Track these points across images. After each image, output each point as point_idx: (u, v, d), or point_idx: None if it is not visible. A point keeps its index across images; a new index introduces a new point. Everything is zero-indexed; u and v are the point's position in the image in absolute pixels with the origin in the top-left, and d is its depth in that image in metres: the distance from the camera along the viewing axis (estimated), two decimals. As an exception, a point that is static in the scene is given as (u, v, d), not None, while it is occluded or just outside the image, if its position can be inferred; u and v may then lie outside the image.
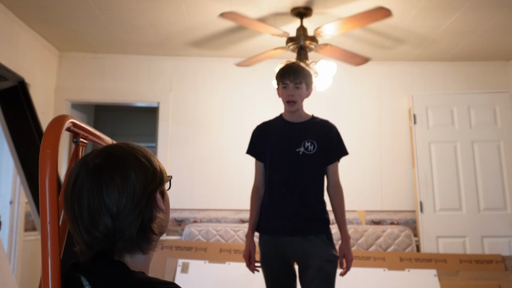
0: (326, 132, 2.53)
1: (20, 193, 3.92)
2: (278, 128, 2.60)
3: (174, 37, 4.25)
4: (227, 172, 4.63)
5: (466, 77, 4.78)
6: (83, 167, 0.93)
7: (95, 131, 1.18)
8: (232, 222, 4.54)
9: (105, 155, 0.95)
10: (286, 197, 2.45)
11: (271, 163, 2.54)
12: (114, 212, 0.90)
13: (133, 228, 0.92)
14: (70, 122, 0.97)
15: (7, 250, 3.76)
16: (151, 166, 0.98)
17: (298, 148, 2.47)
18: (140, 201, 0.93)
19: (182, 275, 3.84)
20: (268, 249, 2.47)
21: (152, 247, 0.99)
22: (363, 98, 4.73)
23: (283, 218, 2.44)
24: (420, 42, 4.23)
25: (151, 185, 0.96)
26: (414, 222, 4.53)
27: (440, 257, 4.05)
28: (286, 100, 2.49)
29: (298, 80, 2.44)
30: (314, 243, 2.39)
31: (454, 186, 4.43)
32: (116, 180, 0.91)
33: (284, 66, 2.55)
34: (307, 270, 2.37)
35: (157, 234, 0.98)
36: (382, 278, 3.85)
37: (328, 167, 2.52)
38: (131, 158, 0.96)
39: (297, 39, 3.41)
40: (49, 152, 0.87)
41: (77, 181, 0.92)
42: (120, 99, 4.75)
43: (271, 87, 4.24)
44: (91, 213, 0.90)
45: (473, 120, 4.52)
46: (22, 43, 3.92)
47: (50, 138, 0.88)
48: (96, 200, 0.90)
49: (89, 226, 0.91)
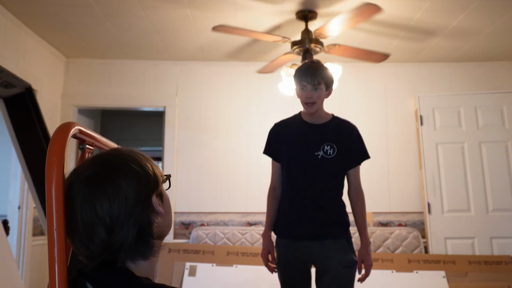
0: (347, 135, 2.43)
1: (28, 198, 3.94)
2: (296, 129, 2.49)
3: (179, 42, 4.26)
4: (234, 176, 4.64)
5: (473, 78, 4.76)
6: (75, 179, 0.93)
7: (101, 138, 1.19)
8: (239, 225, 4.54)
9: (94, 166, 0.95)
10: (304, 201, 2.37)
11: (288, 166, 2.45)
12: (108, 223, 0.89)
13: (130, 236, 0.90)
14: (76, 129, 0.98)
15: (15, 255, 3.79)
16: (142, 171, 0.95)
17: (317, 152, 2.37)
18: (134, 209, 0.91)
19: (189, 278, 3.85)
20: (285, 253, 2.41)
21: (154, 252, 0.97)
22: (369, 99, 4.73)
23: (301, 223, 2.36)
24: (425, 43, 4.22)
25: (145, 191, 0.94)
26: (422, 224, 4.51)
27: (449, 259, 4.03)
28: (304, 102, 2.39)
29: (316, 81, 2.33)
30: (332, 248, 2.32)
31: (462, 187, 4.41)
32: (106, 191, 0.90)
33: (302, 66, 2.44)
34: (324, 275, 2.31)
35: (157, 238, 0.97)
36: (390, 280, 3.83)
37: (349, 171, 2.44)
38: (121, 166, 0.94)
39: (302, 42, 3.41)
40: (55, 159, 0.87)
41: (70, 194, 0.91)
42: (126, 104, 4.77)
43: (278, 91, 4.25)
44: (85, 226, 0.89)
45: (481, 121, 4.50)
46: (29, 50, 3.95)
47: (56, 146, 0.89)
48: (88, 213, 0.89)
49: (85, 239, 0.90)
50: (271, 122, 4.80)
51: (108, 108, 5.08)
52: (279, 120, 2.63)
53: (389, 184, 4.61)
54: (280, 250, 2.44)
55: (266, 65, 3.90)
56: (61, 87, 4.66)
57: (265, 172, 4.61)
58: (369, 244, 2.39)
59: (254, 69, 4.72)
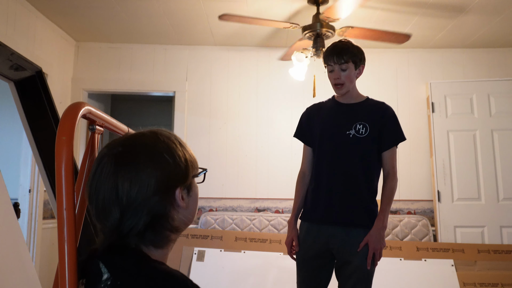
0: (381, 115, 2.33)
1: (38, 181, 3.97)
2: (328, 109, 2.42)
3: (189, 27, 4.24)
4: (243, 161, 4.63)
5: (486, 64, 4.69)
6: (108, 151, 0.93)
7: (111, 119, 1.18)
8: (248, 211, 4.55)
9: (127, 144, 0.94)
10: (332, 183, 2.29)
11: (319, 146, 2.37)
12: (124, 205, 0.89)
13: (141, 224, 0.89)
14: (86, 109, 0.97)
15: (26, 238, 3.82)
16: (173, 161, 0.93)
17: (349, 131, 2.28)
18: (152, 198, 0.90)
19: (198, 263, 3.87)
20: (306, 237, 2.35)
21: (165, 244, 0.96)
22: (380, 86, 4.68)
23: (328, 206, 2.28)
24: (438, 29, 4.16)
25: (169, 182, 0.92)
26: (431, 212, 4.49)
27: (458, 247, 4.01)
28: (333, 84, 2.32)
29: (343, 60, 2.26)
30: (356, 238, 2.23)
31: (473, 175, 4.37)
32: (131, 173, 0.89)
33: (329, 46, 2.35)
34: (346, 265, 2.25)
35: (173, 231, 0.95)
36: (399, 268, 3.83)
37: (383, 153, 2.33)
38: (151, 152, 0.93)
39: (313, 26, 3.36)
40: (65, 139, 0.87)
41: (100, 164, 0.91)
42: (136, 88, 4.77)
43: (288, 76, 4.22)
44: (104, 201, 0.89)
45: (493, 108, 4.43)
46: (40, 34, 3.95)
47: (66, 125, 0.88)
48: (109, 190, 0.89)
49: (101, 215, 0.90)
50: (281, 108, 4.80)
51: (118, 93, 5.07)
52: (311, 104, 2.55)
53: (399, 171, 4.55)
54: (301, 234, 2.38)
55: (286, 53, 3.86)
56: (71, 71, 4.66)
57: (274, 158, 4.61)
58: (383, 229, 2.25)
59: (264, 54, 4.69)
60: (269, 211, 4.53)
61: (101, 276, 0.88)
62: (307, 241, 2.35)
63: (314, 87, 3.64)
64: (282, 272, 3.72)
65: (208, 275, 3.78)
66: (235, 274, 3.80)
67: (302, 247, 2.36)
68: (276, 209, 4.55)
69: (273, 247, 3.99)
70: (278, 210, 4.54)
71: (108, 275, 0.88)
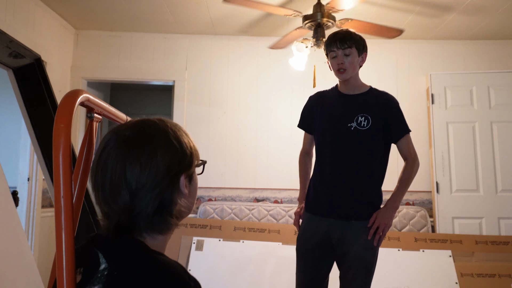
0: (385, 107, 2.30)
1: (37, 170, 3.97)
2: (331, 100, 2.40)
3: (189, 15, 4.21)
4: (243, 151, 4.63)
5: (487, 56, 4.67)
6: (114, 136, 0.93)
7: (110, 107, 1.17)
8: (247, 200, 4.56)
9: (136, 128, 0.94)
10: (334, 176, 2.29)
11: (321, 138, 2.37)
12: (133, 188, 0.88)
13: (150, 207, 0.90)
14: (84, 96, 0.97)
15: (24, 226, 3.83)
16: (180, 148, 0.95)
17: (350, 123, 2.27)
18: (161, 182, 0.90)
19: (196, 253, 3.88)
20: (307, 227, 2.36)
21: (168, 230, 0.96)
22: (380, 77, 4.66)
23: (330, 199, 2.29)
24: (439, 20, 4.14)
25: (176, 168, 0.93)
26: (430, 203, 4.50)
27: (456, 238, 4.02)
28: (336, 69, 2.29)
29: (346, 45, 2.24)
30: (356, 229, 2.24)
31: (472, 167, 4.38)
32: (140, 157, 0.89)
33: (331, 34, 2.33)
34: (346, 256, 2.26)
35: (175, 217, 0.96)
36: (397, 258, 3.84)
37: (397, 143, 2.34)
38: (161, 137, 0.93)
39: (314, 16, 3.35)
40: (62, 126, 0.86)
41: (105, 149, 0.91)
42: (136, 77, 4.75)
43: (288, 66, 4.20)
44: (112, 184, 0.89)
45: (493, 100, 4.43)
46: (39, 21, 3.92)
47: (64, 112, 0.88)
48: (118, 173, 0.89)
49: (109, 197, 0.90)
50: (281, 98, 4.80)
51: (118, 81, 5.06)
52: (314, 92, 2.54)
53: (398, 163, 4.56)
54: (302, 224, 2.40)
55: (278, 41, 3.85)
56: (71, 59, 4.64)
57: (274, 148, 4.61)
58: (393, 209, 2.27)
59: (264, 44, 4.67)
60: (268, 201, 4.53)
61: (98, 265, 0.88)
62: (308, 231, 2.35)
63: (315, 77, 3.63)
64: (281, 262, 3.74)
65: (207, 265, 3.79)
66: (234, 263, 3.81)
67: (303, 237, 2.37)
68: (275, 199, 4.55)
69: (272, 236, 4.01)
70: (277, 200, 4.55)
71: (105, 265, 0.87)
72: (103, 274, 0.86)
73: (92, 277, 0.87)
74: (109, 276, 0.85)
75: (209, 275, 3.72)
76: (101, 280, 0.86)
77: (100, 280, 0.86)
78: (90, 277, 0.88)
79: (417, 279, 3.70)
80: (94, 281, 0.86)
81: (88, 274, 0.89)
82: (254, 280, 3.70)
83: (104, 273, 0.86)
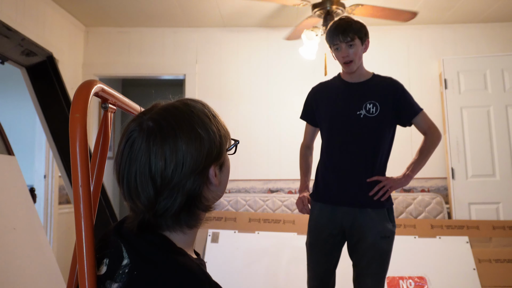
0: (392, 92, 2.30)
1: (53, 167, 4.01)
2: (336, 89, 2.39)
3: (198, 8, 4.21)
4: (255, 143, 4.63)
5: (500, 39, 4.60)
6: (137, 127, 0.87)
7: (124, 98, 1.18)
8: (261, 192, 4.56)
9: (160, 119, 0.87)
10: (345, 165, 2.29)
11: (329, 128, 2.36)
12: (158, 184, 0.84)
13: (177, 205, 0.86)
14: (99, 87, 0.97)
15: (43, 223, 3.88)
16: (208, 138, 0.89)
17: (359, 111, 2.26)
18: (187, 177, 0.85)
19: (212, 245, 3.90)
20: (319, 217, 2.34)
21: (197, 224, 0.93)
22: (392, 63, 4.62)
23: (340, 187, 2.28)
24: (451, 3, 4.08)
25: (204, 161, 0.87)
26: (445, 189, 4.46)
27: (472, 224, 3.98)
28: (342, 62, 2.29)
29: (349, 37, 2.23)
30: (371, 217, 2.23)
31: (487, 151, 4.33)
32: (165, 150, 0.84)
33: (331, 25, 2.31)
34: (360, 243, 2.24)
35: (204, 210, 0.92)
36: (413, 246, 3.82)
37: (412, 122, 2.34)
38: (186, 127, 0.87)
39: (323, 4, 3.32)
40: (78, 116, 0.86)
41: (129, 141, 0.87)
42: (146, 72, 4.77)
43: (298, 57, 4.18)
44: (136, 179, 0.85)
45: (507, 83, 4.36)
46: (49, 20, 3.95)
47: (79, 102, 0.88)
48: (142, 166, 0.84)
49: (133, 193, 0.86)
50: (291, 88, 4.78)
51: (129, 77, 5.08)
52: (317, 83, 2.53)
53: (412, 149, 4.53)
54: (313, 214, 2.38)
55: (292, 32, 3.82)
56: (82, 56, 4.67)
57: (286, 139, 4.60)
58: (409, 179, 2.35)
59: (274, 35, 4.65)
60: (281, 192, 4.54)
61: (121, 260, 0.86)
62: (320, 221, 2.34)
63: (326, 65, 3.61)
64: (296, 252, 3.74)
65: (223, 257, 3.81)
66: (250, 254, 3.83)
67: (316, 227, 2.35)
68: (289, 189, 4.55)
69: (287, 227, 4.01)
70: (291, 190, 4.55)
71: (127, 261, 0.85)
72: (124, 271, 0.85)
73: (115, 271, 0.86)
74: (129, 275, 0.84)
75: (225, 267, 3.73)
76: (122, 279, 0.84)
77: (121, 279, 0.84)
78: (113, 271, 0.86)
79: (434, 266, 3.67)
80: (116, 278, 0.85)
81: (112, 267, 0.87)
82: (270, 271, 3.71)
83: (125, 271, 0.85)
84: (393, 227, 2.27)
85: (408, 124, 2.39)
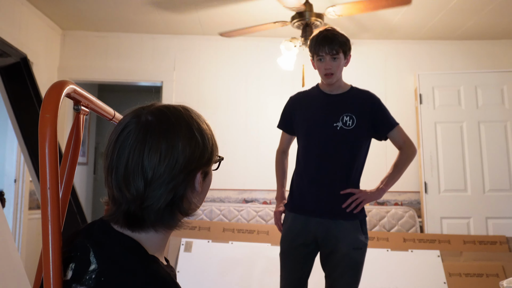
0: (369, 106, 2.32)
1: (24, 171, 3.92)
2: (314, 99, 2.40)
3: (177, 15, 4.19)
4: (232, 152, 4.61)
5: (474, 56, 4.71)
6: (134, 119, 0.88)
7: (97, 100, 1.16)
8: (236, 202, 4.54)
9: (159, 114, 0.89)
10: (320, 175, 2.29)
11: (306, 138, 2.37)
12: (148, 177, 0.84)
13: (163, 200, 0.86)
14: (71, 88, 0.95)
15: (11, 228, 3.78)
16: (202, 142, 0.90)
17: (336, 123, 2.28)
18: (177, 175, 0.86)
19: (185, 254, 3.85)
20: (293, 226, 2.34)
21: (176, 225, 0.92)
22: (369, 77, 4.67)
23: (316, 199, 2.29)
24: (427, 19, 4.16)
25: (195, 163, 0.89)
26: (418, 203, 4.51)
27: (444, 238, 4.04)
28: (323, 73, 2.30)
29: (334, 51, 2.24)
30: (345, 227, 2.24)
31: (460, 167, 4.40)
32: (161, 146, 0.85)
33: (317, 35, 2.31)
34: (333, 254, 2.25)
35: (183, 214, 0.91)
36: (385, 258, 3.85)
37: (388, 136, 2.37)
38: (184, 127, 0.89)
39: (303, 15, 3.34)
40: (48, 116, 0.84)
41: (124, 131, 0.87)
42: (123, 78, 4.72)
43: (276, 66, 4.19)
44: (127, 169, 0.84)
45: (480, 100, 4.46)
46: (25, 22, 3.88)
47: (50, 102, 0.86)
48: (135, 159, 0.84)
49: (122, 183, 0.85)
50: (270, 97, 4.78)
51: (105, 82, 5.02)
52: (295, 93, 2.54)
53: (386, 163, 4.59)
54: (287, 224, 2.37)
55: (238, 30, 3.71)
56: (58, 60, 4.60)
57: (264, 148, 4.59)
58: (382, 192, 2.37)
59: (252, 43, 4.67)
60: (256, 202, 4.52)
61: (89, 264, 0.84)
62: (294, 229, 2.33)
63: (303, 77, 3.63)
64: (270, 263, 3.72)
65: (196, 266, 3.77)
66: (223, 264, 3.79)
67: (288, 236, 2.35)
68: (264, 200, 4.54)
69: (261, 238, 3.99)
70: (266, 201, 4.54)
71: (95, 265, 0.83)
72: (90, 277, 0.82)
73: (82, 276, 0.83)
74: (96, 280, 0.82)
75: (198, 277, 3.69)
76: (89, 285, 0.82)
77: (88, 285, 0.82)
78: (80, 275, 0.84)
79: (406, 279, 3.70)
80: (84, 282, 0.83)
81: (78, 272, 0.85)
82: (243, 281, 3.69)
83: (92, 276, 0.82)
84: (366, 239, 2.28)
85: (383, 138, 2.42)
